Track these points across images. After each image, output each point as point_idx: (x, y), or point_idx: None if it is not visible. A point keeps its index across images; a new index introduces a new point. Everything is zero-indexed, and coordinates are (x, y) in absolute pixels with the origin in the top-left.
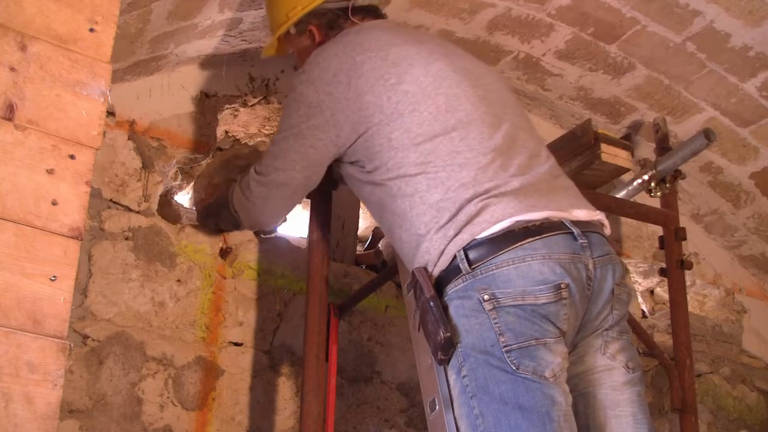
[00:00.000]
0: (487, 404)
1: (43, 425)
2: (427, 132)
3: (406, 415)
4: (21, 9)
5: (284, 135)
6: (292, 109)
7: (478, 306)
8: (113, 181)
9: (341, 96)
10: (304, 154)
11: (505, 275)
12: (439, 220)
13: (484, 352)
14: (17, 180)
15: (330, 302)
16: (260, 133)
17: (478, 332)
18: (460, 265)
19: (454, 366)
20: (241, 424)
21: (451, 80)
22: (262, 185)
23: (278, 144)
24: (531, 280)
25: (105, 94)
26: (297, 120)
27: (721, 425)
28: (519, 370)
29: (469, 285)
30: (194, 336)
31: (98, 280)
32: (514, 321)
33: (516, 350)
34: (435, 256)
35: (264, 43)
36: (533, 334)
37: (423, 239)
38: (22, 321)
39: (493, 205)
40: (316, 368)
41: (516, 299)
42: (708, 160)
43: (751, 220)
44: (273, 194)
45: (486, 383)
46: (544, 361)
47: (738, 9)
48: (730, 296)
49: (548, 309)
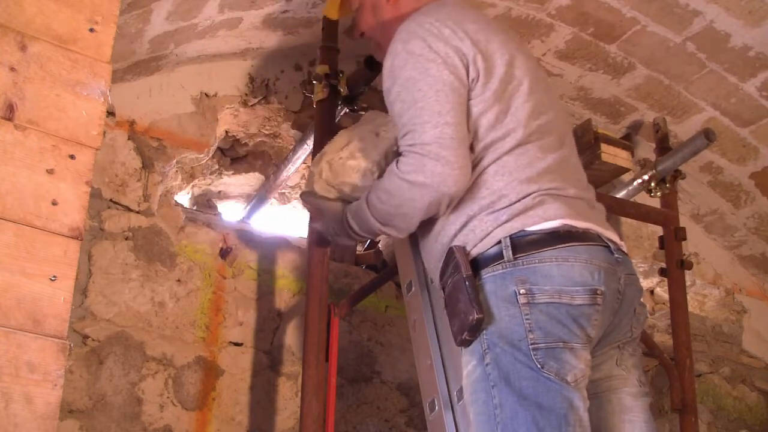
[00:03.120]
0: (506, 396)
1: (43, 425)
2: (507, 125)
3: (406, 415)
4: (21, 9)
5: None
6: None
7: (512, 298)
8: (113, 181)
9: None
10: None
11: (546, 270)
12: (495, 204)
13: (511, 345)
14: (17, 180)
15: (330, 302)
16: (260, 133)
17: (507, 324)
18: (503, 251)
19: (476, 351)
20: (241, 424)
21: (535, 78)
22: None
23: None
24: (570, 280)
25: (105, 94)
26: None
27: (721, 425)
28: (543, 369)
29: (507, 273)
30: (194, 336)
31: (98, 280)
32: (545, 320)
33: (543, 349)
34: (479, 237)
35: (264, 43)
36: (562, 336)
37: (472, 219)
38: (22, 321)
39: (549, 203)
40: (316, 368)
41: (552, 297)
42: (708, 160)
43: (751, 220)
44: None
45: (508, 375)
46: (568, 365)
47: (738, 9)
48: (730, 296)
49: (582, 311)
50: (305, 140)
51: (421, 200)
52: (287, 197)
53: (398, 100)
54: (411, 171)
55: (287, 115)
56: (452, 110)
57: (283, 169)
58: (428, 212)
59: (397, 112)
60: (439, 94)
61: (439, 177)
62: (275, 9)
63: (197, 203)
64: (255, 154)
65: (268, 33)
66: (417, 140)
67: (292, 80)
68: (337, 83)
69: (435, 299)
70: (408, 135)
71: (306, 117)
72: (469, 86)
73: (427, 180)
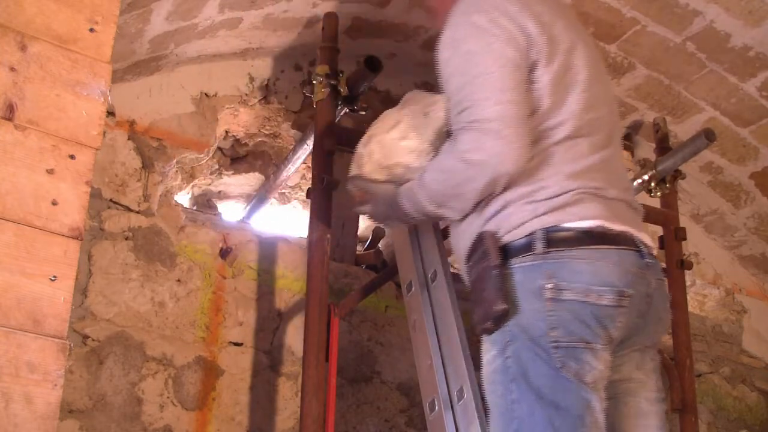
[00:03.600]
0: (524, 392)
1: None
2: (560, 115)
3: (406, 415)
4: (21, 9)
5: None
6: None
7: (538, 291)
8: (113, 181)
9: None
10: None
11: (576, 267)
12: (536, 195)
13: (532, 340)
14: (17, 180)
15: (330, 302)
16: (260, 133)
17: (530, 317)
18: (536, 243)
19: (498, 341)
20: (241, 424)
21: (594, 70)
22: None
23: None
24: (599, 280)
25: (105, 94)
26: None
27: (721, 425)
28: (562, 369)
29: (536, 266)
30: (194, 336)
31: (98, 280)
32: (569, 319)
33: (564, 348)
34: (513, 224)
35: (264, 43)
36: (584, 336)
37: (510, 205)
38: (22, 321)
39: (587, 202)
40: (316, 368)
41: (579, 295)
42: (708, 160)
43: (751, 220)
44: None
45: (527, 370)
46: (588, 366)
47: (738, 9)
48: (730, 296)
49: (607, 312)
50: (305, 140)
51: (479, 180)
52: (287, 197)
53: (456, 73)
54: (470, 149)
55: (287, 115)
56: (515, 88)
57: (283, 169)
58: (484, 193)
59: (453, 85)
60: (503, 70)
61: (500, 156)
62: (275, 9)
63: (197, 203)
64: (255, 154)
65: (268, 33)
66: (477, 116)
67: (292, 80)
68: (337, 83)
69: (435, 299)
70: (466, 111)
71: (306, 117)
72: (529, 68)
73: (487, 158)
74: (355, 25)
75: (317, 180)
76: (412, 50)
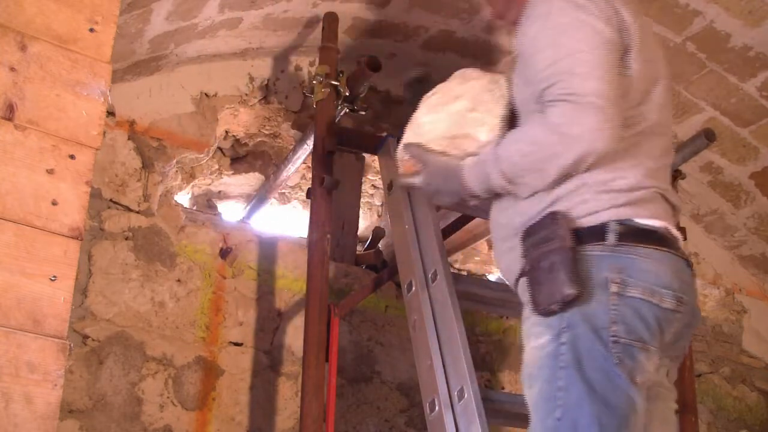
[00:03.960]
0: (574, 382)
1: (43, 425)
2: (644, 107)
3: (406, 415)
4: (21, 9)
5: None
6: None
7: (603, 283)
8: (113, 181)
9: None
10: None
11: (644, 266)
12: (613, 183)
13: (593, 330)
14: (17, 180)
15: (330, 302)
16: (260, 133)
17: (592, 308)
18: (608, 233)
19: (554, 326)
20: (241, 424)
21: (667, 72)
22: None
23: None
24: (662, 282)
25: (105, 94)
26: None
27: (721, 425)
28: (619, 365)
29: (606, 257)
30: (194, 336)
31: (98, 280)
32: (631, 316)
33: (622, 344)
34: (588, 210)
35: (264, 43)
36: (642, 336)
37: (586, 189)
38: (22, 321)
39: (659, 202)
40: (316, 368)
41: (644, 293)
42: (708, 160)
43: (751, 220)
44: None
45: (581, 360)
46: (641, 366)
47: (738, 9)
48: (730, 296)
49: (666, 315)
50: (305, 140)
51: (568, 156)
52: (287, 197)
53: (547, 47)
54: (566, 122)
55: (287, 115)
56: (611, 69)
57: (283, 169)
58: (569, 170)
59: (543, 60)
60: (600, 48)
61: (596, 132)
62: (275, 9)
63: (197, 203)
64: (255, 154)
65: (268, 33)
66: (574, 90)
67: (292, 80)
68: (337, 83)
69: (435, 299)
70: (560, 84)
71: (306, 117)
72: (621, 52)
73: (582, 133)
74: (355, 25)
75: (317, 180)
76: (412, 50)
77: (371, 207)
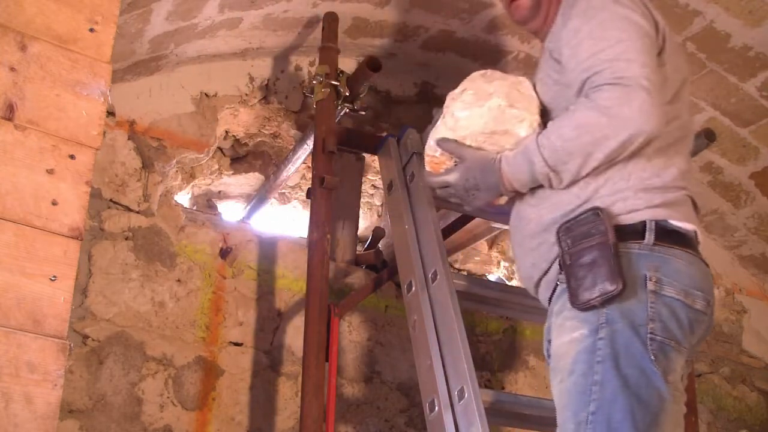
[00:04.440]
0: (611, 377)
1: (43, 425)
2: (677, 109)
3: (406, 415)
4: (21, 9)
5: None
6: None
7: (641, 281)
8: (113, 181)
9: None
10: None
11: (677, 266)
12: (650, 181)
13: (632, 326)
14: (17, 180)
15: (330, 302)
16: (260, 133)
17: (631, 305)
18: (646, 233)
19: (591, 321)
20: (241, 424)
21: (688, 81)
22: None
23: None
24: (694, 283)
25: (105, 94)
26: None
27: (721, 425)
28: (654, 362)
29: (644, 255)
30: (194, 336)
31: (98, 280)
32: (667, 314)
33: (658, 342)
34: (627, 208)
35: (264, 43)
36: (675, 335)
37: (626, 187)
38: (22, 321)
39: (690, 206)
40: (316, 368)
41: (679, 294)
42: (708, 160)
43: (751, 220)
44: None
45: (618, 356)
46: (673, 364)
47: (738, 9)
48: (730, 296)
49: (697, 317)
50: (305, 140)
51: (617, 137)
52: (287, 197)
53: (592, 37)
54: (615, 104)
55: (287, 115)
56: (654, 58)
57: (283, 169)
58: (617, 152)
59: (586, 50)
60: (643, 40)
61: (646, 113)
62: (275, 9)
63: (197, 203)
64: (255, 154)
65: (268, 33)
66: (623, 73)
67: (292, 80)
68: (337, 83)
69: (435, 299)
70: (607, 70)
71: (306, 117)
72: (657, 49)
73: (633, 113)
74: (355, 25)
75: (317, 180)
76: (412, 50)
77: (371, 207)
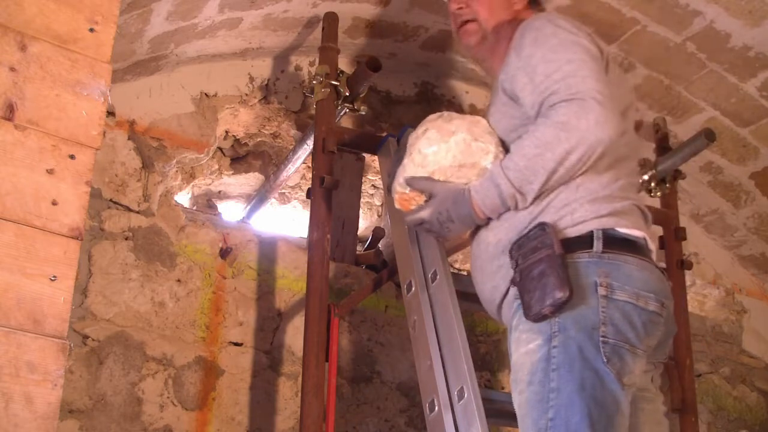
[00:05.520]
0: (566, 382)
1: (43, 425)
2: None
3: (406, 415)
4: (21, 9)
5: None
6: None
7: (591, 288)
8: (113, 181)
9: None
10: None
11: (630, 271)
12: (598, 194)
13: (584, 332)
14: (17, 180)
15: (330, 302)
16: (260, 133)
17: (582, 311)
18: (594, 241)
19: (544, 331)
20: (241, 424)
21: (632, 107)
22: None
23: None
24: (646, 286)
25: (105, 94)
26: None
27: (721, 425)
28: (608, 363)
29: (592, 263)
30: (194, 336)
31: (98, 280)
32: (619, 318)
33: (611, 345)
34: (575, 221)
35: (264, 43)
36: (629, 338)
37: (573, 202)
38: (22, 321)
39: (637, 215)
40: (316, 368)
41: (630, 297)
42: (708, 160)
43: (751, 220)
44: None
45: (573, 362)
46: (628, 367)
47: (738, 9)
48: (730, 296)
49: (651, 318)
50: (305, 140)
51: (578, 149)
52: (287, 197)
53: (545, 60)
54: (573, 118)
55: (287, 115)
56: (604, 76)
57: (283, 169)
58: (577, 167)
59: (541, 73)
60: (593, 61)
61: (602, 123)
62: (275, 9)
63: (197, 203)
64: (255, 154)
65: (268, 33)
66: (577, 88)
67: (292, 80)
68: (337, 83)
69: (435, 299)
70: (562, 88)
71: (306, 117)
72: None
73: (590, 125)
74: (355, 25)
75: (317, 180)
76: (412, 50)
77: (371, 207)
